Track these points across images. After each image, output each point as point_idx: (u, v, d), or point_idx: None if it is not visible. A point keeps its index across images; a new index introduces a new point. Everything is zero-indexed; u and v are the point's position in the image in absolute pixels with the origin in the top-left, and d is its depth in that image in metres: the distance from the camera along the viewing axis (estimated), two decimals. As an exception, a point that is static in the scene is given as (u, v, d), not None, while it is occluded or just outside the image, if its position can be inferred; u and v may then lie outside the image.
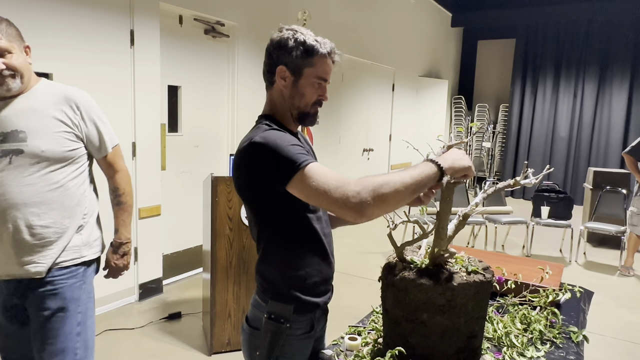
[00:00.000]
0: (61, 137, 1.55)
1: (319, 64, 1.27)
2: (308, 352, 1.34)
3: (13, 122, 1.47)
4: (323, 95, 1.32)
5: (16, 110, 1.48)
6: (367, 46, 6.44)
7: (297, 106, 1.30)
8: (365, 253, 5.14)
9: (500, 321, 1.34)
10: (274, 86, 1.32)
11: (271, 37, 1.30)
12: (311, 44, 1.26)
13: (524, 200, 8.70)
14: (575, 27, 8.50)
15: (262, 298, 1.31)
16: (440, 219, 1.10)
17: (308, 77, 1.28)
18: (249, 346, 1.34)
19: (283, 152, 1.13)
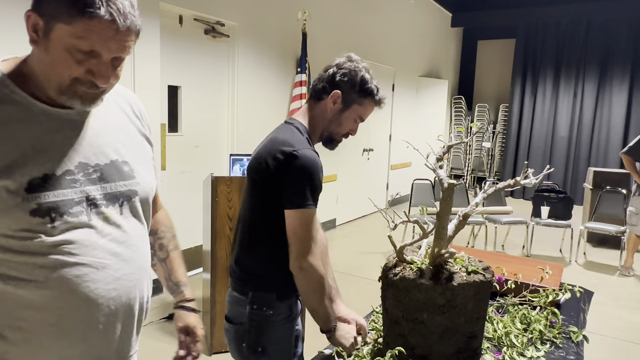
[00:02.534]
0: (151, 162, 1.08)
1: (367, 105, 1.40)
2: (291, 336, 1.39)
3: (105, 146, 0.95)
4: (353, 131, 1.45)
5: (101, 127, 0.95)
6: (367, 46, 6.43)
7: (330, 130, 1.41)
8: (365, 253, 5.14)
9: (500, 321, 1.34)
10: (320, 102, 1.41)
11: (340, 61, 1.40)
12: (371, 88, 1.39)
13: (523, 200, 8.70)
14: (575, 27, 8.50)
15: (241, 292, 1.38)
16: (440, 219, 1.10)
17: (353, 112, 1.40)
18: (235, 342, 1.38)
19: (309, 184, 1.27)
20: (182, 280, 1.18)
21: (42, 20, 0.82)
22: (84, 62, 0.83)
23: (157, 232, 1.19)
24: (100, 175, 0.93)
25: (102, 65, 0.85)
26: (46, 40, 0.82)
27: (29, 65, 0.88)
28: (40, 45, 0.84)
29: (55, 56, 0.83)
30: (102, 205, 0.92)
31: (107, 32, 0.82)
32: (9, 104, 0.85)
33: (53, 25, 0.81)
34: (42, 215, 0.84)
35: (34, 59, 0.87)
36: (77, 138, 0.91)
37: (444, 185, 1.13)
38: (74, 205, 0.88)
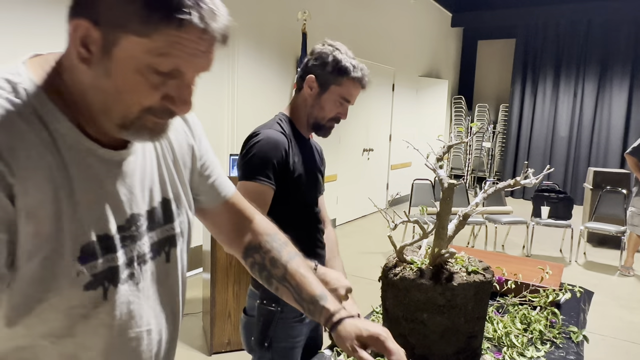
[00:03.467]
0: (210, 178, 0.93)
1: (346, 85, 1.36)
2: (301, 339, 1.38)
3: (153, 187, 0.78)
4: (342, 114, 1.41)
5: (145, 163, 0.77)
6: (367, 46, 6.43)
7: (314, 116, 1.39)
8: (365, 253, 5.14)
9: (500, 321, 1.34)
10: (301, 92, 1.41)
11: (313, 47, 1.40)
12: (345, 65, 1.35)
13: (524, 200, 8.70)
14: (575, 27, 8.50)
15: (255, 286, 1.40)
16: (441, 219, 1.10)
17: (332, 94, 1.37)
18: (246, 333, 1.39)
19: (259, 158, 1.27)
20: (317, 294, 0.88)
21: (99, 32, 0.59)
22: (161, 86, 0.62)
23: (260, 247, 0.94)
24: (149, 224, 0.76)
25: (185, 88, 0.65)
26: (106, 60, 0.60)
27: (70, 85, 0.64)
28: (96, 65, 0.61)
29: (121, 81, 0.61)
30: (149, 258, 0.76)
31: (197, 44, 0.61)
32: (50, 142, 0.62)
33: (118, 38, 0.59)
34: (95, 287, 0.67)
35: (83, 82, 0.63)
36: (127, 183, 0.72)
37: (444, 185, 1.13)
38: (126, 268, 0.72)
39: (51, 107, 0.63)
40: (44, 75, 0.65)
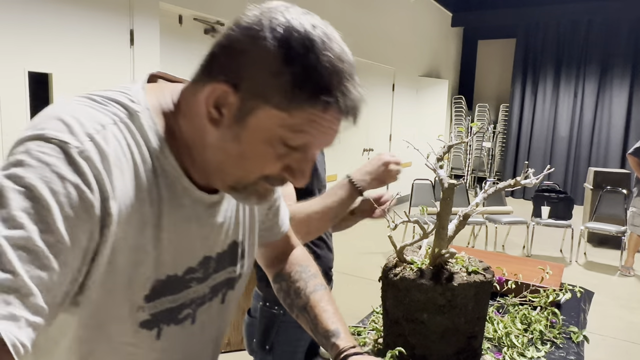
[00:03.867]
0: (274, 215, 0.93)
1: None
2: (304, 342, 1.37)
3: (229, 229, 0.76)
4: None
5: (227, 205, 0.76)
6: (367, 46, 6.43)
7: None
8: (365, 253, 5.13)
9: (500, 321, 1.34)
10: None
11: None
12: None
13: (524, 200, 8.70)
14: (575, 27, 8.49)
15: (259, 287, 1.37)
16: (441, 219, 1.10)
17: None
18: (248, 335, 1.38)
19: None
20: (330, 329, 0.87)
21: (237, 98, 0.58)
22: (285, 158, 0.62)
23: (290, 276, 0.96)
24: (215, 266, 0.74)
25: (307, 162, 0.64)
26: (238, 126, 0.59)
27: (185, 132, 0.64)
28: (224, 128, 0.60)
29: (249, 149, 0.60)
30: (207, 300, 0.74)
31: (333, 124, 0.60)
32: (152, 176, 0.62)
33: (256, 107, 0.58)
34: (151, 327, 0.66)
35: (205, 139, 0.62)
36: (209, 226, 0.71)
37: (444, 185, 1.13)
38: (184, 309, 0.70)
39: (162, 142, 0.62)
40: (160, 109, 0.64)
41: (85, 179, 0.53)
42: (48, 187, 0.51)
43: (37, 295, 0.49)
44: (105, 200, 0.55)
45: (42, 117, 0.57)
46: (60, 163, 0.52)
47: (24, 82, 2.73)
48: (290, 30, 0.57)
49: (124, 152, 0.59)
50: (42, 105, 2.85)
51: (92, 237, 0.55)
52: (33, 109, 2.79)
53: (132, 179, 0.59)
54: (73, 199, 0.52)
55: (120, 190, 0.57)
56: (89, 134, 0.55)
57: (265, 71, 0.57)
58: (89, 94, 0.62)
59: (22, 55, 2.73)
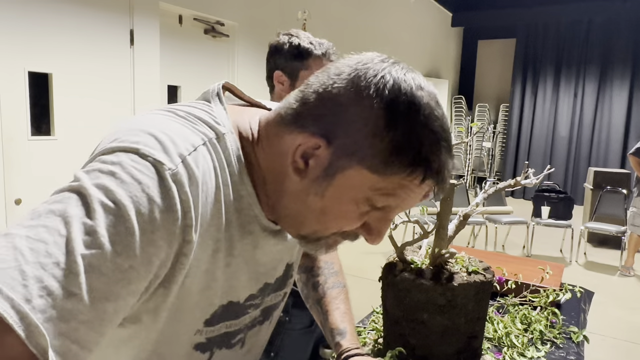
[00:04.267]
0: None
1: (314, 65, 1.29)
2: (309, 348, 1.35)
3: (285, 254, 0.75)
4: None
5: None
6: (367, 46, 6.41)
7: None
8: (366, 253, 5.13)
9: (500, 321, 1.34)
10: (275, 91, 1.35)
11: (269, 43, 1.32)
12: (305, 47, 1.29)
13: (524, 201, 8.70)
14: (575, 27, 8.50)
15: None
16: (441, 219, 1.10)
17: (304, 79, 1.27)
18: None
19: None
20: (338, 328, 0.88)
21: (328, 152, 0.55)
22: (364, 217, 0.60)
23: (312, 269, 0.97)
24: (270, 290, 0.73)
25: (386, 222, 0.62)
26: (325, 181, 0.56)
27: (264, 167, 0.62)
28: (309, 180, 0.57)
29: (333, 206, 0.58)
30: (258, 323, 0.74)
31: (422, 191, 0.58)
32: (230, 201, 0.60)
33: (348, 167, 0.55)
34: (204, 350, 0.65)
35: (286, 187, 0.60)
36: (273, 255, 0.69)
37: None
38: (238, 334, 0.70)
39: (242, 167, 0.60)
40: (239, 134, 0.62)
41: (173, 205, 0.51)
42: (136, 209, 0.49)
43: (94, 325, 0.47)
44: (187, 227, 0.53)
45: (133, 129, 0.55)
46: (152, 184, 0.50)
47: (24, 82, 2.73)
48: (398, 92, 0.54)
49: (211, 175, 0.57)
50: (42, 105, 2.85)
51: (165, 265, 0.53)
52: (33, 109, 2.79)
53: (213, 203, 0.57)
54: (157, 224, 0.50)
55: (202, 217, 0.56)
56: (181, 155, 0.53)
57: (364, 131, 0.54)
58: (170, 108, 0.60)
59: (22, 55, 2.73)
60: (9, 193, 2.66)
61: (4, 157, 2.62)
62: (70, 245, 0.45)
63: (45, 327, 0.43)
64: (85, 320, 0.46)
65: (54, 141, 2.88)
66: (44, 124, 2.87)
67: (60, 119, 2.91)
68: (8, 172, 2.65)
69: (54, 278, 0.44)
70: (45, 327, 0.43)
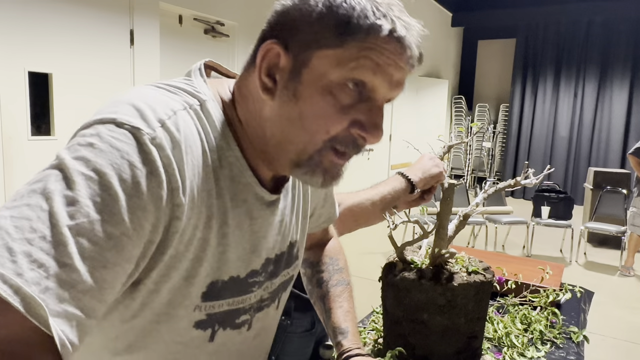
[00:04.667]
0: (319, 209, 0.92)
1: None
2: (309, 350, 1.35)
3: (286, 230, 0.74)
4: None
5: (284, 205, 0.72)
6: (367, 46, 6.43)
7: None
8: (365, 253, 5.13)
9: (500, 321, 1.34)
10: None
11: None
12: None
13: (524, 200, 8.70)
14: (576, 27, 8.50)
15: None
16: (441, 219, 1.10)
17: None
18: None
19: None
20: (340, 327, 0.86)
21: (288, 58, 0.57)
22: (350, 110, 0.57)
23: (317, 265, 0.96)
24: (273, 269, 0.71)
25: (376, 110, 0.59)
26: (293, 84, 0.57)
27: (245, 116, 0.62)
28: (280, 95, 0.58)
29: (309, 104, 0.56)
30: (265, 306, 0.73)
31: (392, 54, 0.57)
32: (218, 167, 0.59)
33: (308, 58, 0.56)
34: (206, 327, 0.64)
35: (263, 113, 0.60)
36: (270, 227, 0.68)
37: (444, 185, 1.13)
38: (242, 314, 0.68)
39: (228, 134, 0.61)
40: (221, 101, 0.63)
41: (155, 169, 0.51)
42: (117, 175, 0.49)
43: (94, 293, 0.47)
44: (174, 190, 0.53)
45: (113, 102, 0.55)
46: (131, 150, 0.50)
47: (24, 82, 2.73)
48: None
49: (195, 139, 0.57)
50: (42, 105, 2.85)
51: (157, 230, 0.53)
52: (33, 109, 2.79)
53: (201, 168, 0.57)
54: (141, 189, 0.50)
55: (190, 180, 0.55)
56: (160, 120, 0.54)
57: (311, 20, 0.56)
58: (151, 83, 0.61)
59: (22, 55, 2.73)
60: (9, 193, 2.66)
61: (4, 157, 2.62)
62: (54, 219, 0.46)
63: (42, 298, 0.43)
64: (84, 289, 0.46)
65: (54, 141, 2.89)
66: (43, 124, 2.87)
67: (60, 119, 2.91)
68: (8, 172, 2.65)
69: (43, 251, 0.44)
70: (42, 298, 0.43)
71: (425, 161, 1.21)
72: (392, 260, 1.16)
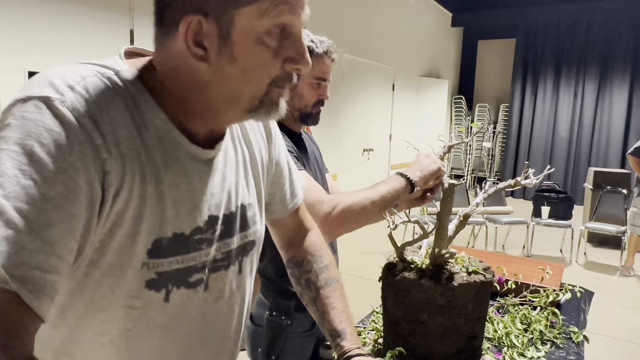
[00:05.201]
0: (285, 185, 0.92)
1: (315, 64, 1.26)
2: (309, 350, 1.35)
3: (231, 190, 0.75)
4: (324, 95, 1.31)
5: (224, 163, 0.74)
6: (367, 46, 6.43)
7: (297, 108, 1.30)
8: (365, 253, 5.13)
9: (500, 321, 1.34)
10: None
11: None
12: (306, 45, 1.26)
13: (524, 200, 8.70)
14: (576, 27, 8.49)
15: (265, 296, 1.33)
16: (441, 219, 1.10)
17: (305, 79, 1.27)
18: (252, 343, 1.35)
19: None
20: (337, 329, 0.86)
21: (211, 23, 0.59)
22: (280, 50, 0.63)
23: (302, 264, 0.94)
24: (224, 229, 0.72)
25: (298, 42, 0.64)
26: (227, 47, 0.60)
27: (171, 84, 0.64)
28: (215, 59, 0.61)
29: (247, 58, 0.61)
30: (223, 267, 0.73)
31: None
32: (142, 127, 0.62)
33: (233, 18, 0.59)
34: (158, 287, 0.64)
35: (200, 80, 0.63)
36: (209, 184, 0.69)
37: (445, 185, 1.13)
38: (194, 273, 0.68)
39: (148, 97, 0.63)
40: (141, 70, 0.65)
41: (72, 128, 0.54)
42: (37, 142, 0.52)
43: (46, 250, 0.50)
44: (98, 147, 0.56)
45: (26, 83, 0.58)
46: (45, 117, 0.53)
47: (24, 82, 2.73)
48: None
49: (109, 101, 0.59)
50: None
51: (93, 186, 0.55)
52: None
53: (123, 128, 0.59)
54: (64, 149, 0.53)
55: (114, 137, 0.58)
56: (69, 85, 0.57)
57: None
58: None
59: (22, 55, 2.73)
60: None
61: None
62: None
63: None
64: (35, 248, 0.49)
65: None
66: (44, 124, 2.87)
67: (60, 119, 2.91)
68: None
69: None
70: None
71: (422, 159, 1.21)
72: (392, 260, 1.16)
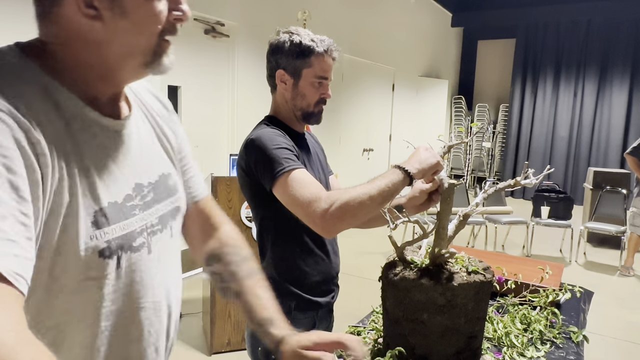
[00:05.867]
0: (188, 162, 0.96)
1: (316, 63, 1.28)
2: None
3: (151, 159, 0.80)
4: (325, 94, 1.33)
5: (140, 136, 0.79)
6: (367, 46, 6.43)
7: (299, 107, 1.32)
8: (365, 253, 5.13)
9: (500, 321, 1.34)
10: (277, 90, 1.34)
11: (269, 41, 1.31)
12: (307, 45, 1.26)
13: (524, 200, 8.70)
14: (575, 27, 8.50)
15: None
16: (441, 219, 1.10)
17: (307, 78, 1.29)
18: (252, 342, 1.35)
19: (270, 154, 1.18)
20: (265, 318, 0.87)
21: None
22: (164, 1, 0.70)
23: (221, 257, 0.93)
24: (154, 196, 0.77)
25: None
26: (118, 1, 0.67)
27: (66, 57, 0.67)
28: (108, 16, 0.66)
29: (136, 12, 0.67)
30: (158, 231, 0.78)
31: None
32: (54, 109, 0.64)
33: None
34: (110, 255, 0.68)
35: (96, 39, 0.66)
36: (129, 153, 0.74)
37: (444, 185, 1.13)
38: (137, 237, 0.73)
39: (50, 79, 0.65)
40: (35, 53, 0.66)
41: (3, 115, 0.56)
42: None
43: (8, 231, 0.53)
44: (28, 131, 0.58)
45: None
46: None
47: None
48: None
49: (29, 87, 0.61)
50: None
51: (33, 169, 0.58)
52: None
53: (43, 112, 0.61)
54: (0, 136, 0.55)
55: (36, 121, 0.59)
56: None
57: None
58: None
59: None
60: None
61: None
62: None
63: None
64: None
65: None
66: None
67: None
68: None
69: None
70: None
71: (421, 152, 1.20)
72: (392, 260, 1.16)
